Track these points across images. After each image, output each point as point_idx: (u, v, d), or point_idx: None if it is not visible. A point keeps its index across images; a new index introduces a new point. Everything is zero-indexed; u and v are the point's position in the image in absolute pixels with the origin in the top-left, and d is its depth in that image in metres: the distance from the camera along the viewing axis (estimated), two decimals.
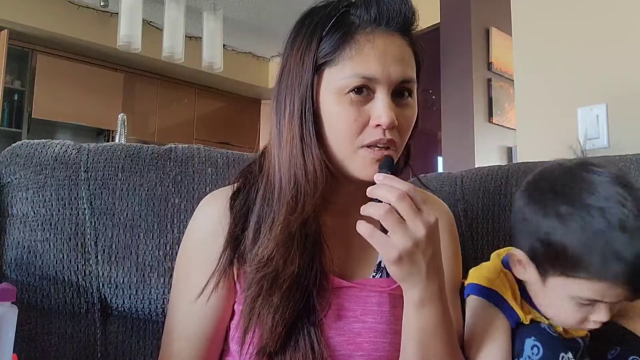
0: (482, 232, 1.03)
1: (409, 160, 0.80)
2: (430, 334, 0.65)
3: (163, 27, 3.48)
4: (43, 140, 0.93)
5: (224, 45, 4.11)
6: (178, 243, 0.87)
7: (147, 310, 0.87)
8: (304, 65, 0.71)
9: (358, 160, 0.70)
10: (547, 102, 1.49)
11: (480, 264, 0.81)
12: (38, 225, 0.86)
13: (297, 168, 0.71)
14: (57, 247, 0.85)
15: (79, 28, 4.44)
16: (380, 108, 0.68)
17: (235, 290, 0.74)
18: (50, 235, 0.86)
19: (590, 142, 1.36)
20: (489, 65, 3.17)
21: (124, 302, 0.87)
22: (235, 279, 0.74)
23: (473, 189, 1.06)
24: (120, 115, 2.54)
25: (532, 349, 0.70)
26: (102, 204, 0.88)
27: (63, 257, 0.85)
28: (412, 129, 0.75)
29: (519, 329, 0.73)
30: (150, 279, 0.87)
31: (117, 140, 2.56)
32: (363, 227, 0.62)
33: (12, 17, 4.13)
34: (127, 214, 0.89)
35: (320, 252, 0.72)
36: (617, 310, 0.71)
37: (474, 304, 0.76)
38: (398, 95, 0.71)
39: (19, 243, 0.85)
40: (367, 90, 0.69)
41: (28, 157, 0.89)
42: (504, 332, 0.73)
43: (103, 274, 0.86)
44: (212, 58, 3.69)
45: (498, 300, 0.74)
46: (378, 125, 0.68)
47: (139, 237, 0.88)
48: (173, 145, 0.97)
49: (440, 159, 3.24)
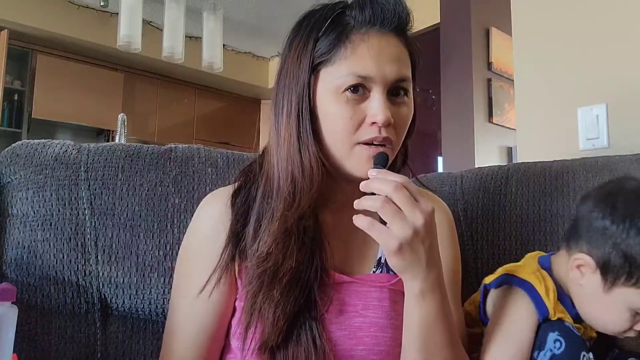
0: (482, 232, 1.03)
1: (407, 160, 0.81)
2: (431, 324, 0.66)
3: (163, 27, 3.48)
4: (43, 140, 0.93)
5: (224, 45, 4.11)
6: (178, 243, 0.87)
7: (147, 310, 0.88)
8: (301, 65, 0.72)
9: (354, 158, 0.71)
10: (547, 102, 1.49)
11: (515, 263, 0.84)
12: (38, 225, 0.86)
13: (294, 165, 0.72)
14: (57, 247, 0.85)
15: (79, 28, 4.44)
16: (376, 106, 0.69)
17: (237, 287, 0.75)
18: (50, 235, 0.86)
19: (590, 142, 1.36)
20: (489, 65, 3.17)
21: (124, 302, 0.87)
22: (237, 276, 0.75)
23: (473, 189, 1.06)
24: (120, 115, 2.54)
25: (554, 343, 0.72)
26: (102, 204, 0.88)
27: (63, 257, 0.85)
28: (409, 128, 0.76)
29: (543, 324, 0.75)
30: (150, 279, 0.87)
31: (117, 140, 2.56)
32: (361, 220, 0.63)
33: (12, 17, 4.13)
34: (127, 214, 0.89)
35: (321, 248, 0.73)
36: None
37: (506, 293, 0.78)
38: (394, 94, 0.73)
39: (19, 243, 0.85)
40: (363, 89, 0.70)
41: (28, 157, 0.89)
42: (531, 323, 0.74)
43: (103, 274, 0.86)
44: (212, 58, 3.70)
45: (531, 292, 0.75)
46: (374, 123, 0.70)
47: (139, 237, 0.88)
48: (173, 145, 0.98)
49: (440, 159, 3.25)
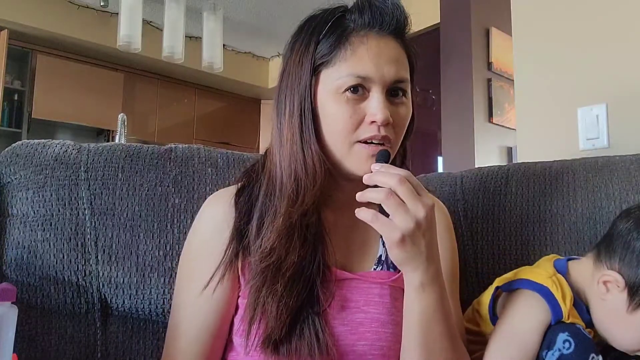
0: (482, 232, 1.03)
1: (406, 161, 0.83)
2: (431, 317, 0.68)
3: (163, 27, 3.48)
4: (43, 140, 0.93)
5: (224, 45, 4.11)
6: (178, 243, 0.87)
7: (147, 310, 0.88)
8: (303, 67, 0.75)
9: (353, 156, 0.73)
10: (547, 102, 1.49)
11: (532, 267, 0.85)
12: (38, 225, 0.86)
13: (297, 163, 0.74)
14: (57, 247, 0.85)
15: (79, 28, 4.44)
16: (375, 105, 0.72)
17: (239, 284, 0.76)
18: (50, 235, 0.86)
19: (590, 142, 1.36)
20: (489, 65, 3.17)
21: (124, 302, 0.87)
22: (239, 273, 0.76)
23: (473, 189, 1.06)
24: (120, 115, 2.54)
25: (564, 343, 0.73)
26: (102, 204, 0.88)
27: (63, 257, 0.85)
28: (408, 129, 0.78)
29: (554, 325, 0.75)
30: (150, 279, 0.87)
31: (117, 140, 2.56)
32: (364, 212, 0.64)
33: (12, 17, 4.13)
34: (127, 214, 0.89)
35: (323, 245, 0.74)
36: None
37: (519, 294, 0.79)
38: (393, 95, 0.75)
39: (19, 243, 0.85)
40: (362, 89, 0.73)
41: (28, 157, 0.89)
42: (539, 325, 0.76)
43: (103, 274, 0.86)
44: (212, 58, 3.69)
45: (548, 296, 0.76)
46: (373, 122, 0.72)
47: (139, 237, 0.88)
48: (173, 145, 0.98)
49: (440, 159, 3.24)
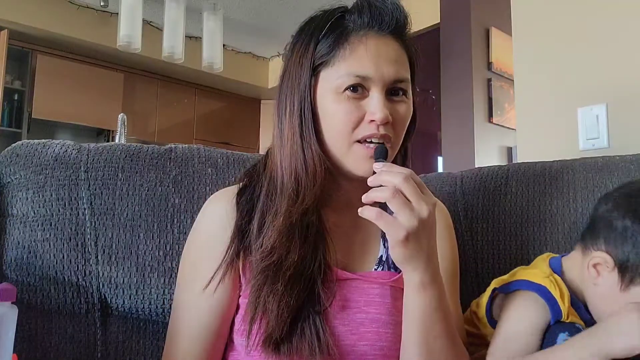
0: (482, 232, 1.03)
1: (407, 162, 0.83)
2: (430, 315, 0.68)
3: (163, 27, 3.48)
4: (43, 140, 0.93)
5: (224, 45, 4.11)
6: (178, 243, 0.87)
7: (147, 310, 0.88)
8: (303, 67, 0.75)
9: (352, 156, 0.74)
10: (547, 102, 1.49)
11: (527, 267, 0.85)
12: (38, 225, 0.86)
13: (297, 163, 0.75)
14: (57, 247, 0.85)
15: (79, 28, 4.44)
16: (374, 104, 0.72)
17: (240, 284, 0.76)
18: (50, 235, 0.86)
19: (590, 142, 1.36)
20: (489, 65, 3.17)
21: (124, 302, 0.87)
22: (241, 272, 0.76)
23: (473, 189, 1.06)
24: (120, 115, 2.54)
25: (564, 342, 0.73)
26: (102, 204, 0.88)
27: (63, 257, 0.85)
28: (409, 129, 0.78)
29: (554, 325, 0.76)
30: (150, 279, 0.87)
31: (117, 140, 2.56)
32: (368, 211, 0.64)
33: (12, 17, 4.13)
34: (127, 214, 0.89)
35: (324, 244, 0.75)
36: None
37: (516, 295, 0.80)
38: (393, 94, 0.75)
39: (19, 243, 0.85)
40: (362, 89, 0.73)
41: (28, 157, 0.89)
42: (539, 325, 0.76)
43: (103, 274, 0.86)
44: (212, 58, 3.69)
45: (546, 295, 0.77)
46: (372, 121, 0.72)
47: (139, 237, 0.88)
48: (173, 145, 0.98)
49: (440, 159, 3.25)
